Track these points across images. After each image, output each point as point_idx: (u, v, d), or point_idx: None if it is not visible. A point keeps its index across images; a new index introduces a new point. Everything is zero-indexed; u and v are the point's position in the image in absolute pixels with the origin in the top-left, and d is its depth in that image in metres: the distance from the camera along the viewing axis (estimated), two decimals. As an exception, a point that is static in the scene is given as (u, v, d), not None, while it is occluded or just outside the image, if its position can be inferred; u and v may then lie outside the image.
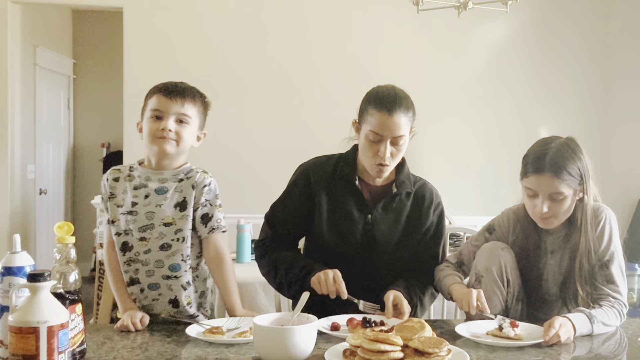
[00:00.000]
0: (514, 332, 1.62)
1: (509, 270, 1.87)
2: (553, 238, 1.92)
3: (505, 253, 1.88)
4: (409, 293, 1.87)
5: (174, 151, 1.81)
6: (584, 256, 1.85)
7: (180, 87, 1.82)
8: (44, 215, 5.57)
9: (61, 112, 6.16)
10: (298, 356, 1.41)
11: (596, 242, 1.86)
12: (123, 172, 1.86)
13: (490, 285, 1.85)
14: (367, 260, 1.95)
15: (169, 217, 1.80)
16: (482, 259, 1.89)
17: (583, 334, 1.69)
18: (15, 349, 1.22)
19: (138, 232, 1.80)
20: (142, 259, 1.82)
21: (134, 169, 1.86)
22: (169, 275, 1.82)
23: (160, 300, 1.83)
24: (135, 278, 1.83)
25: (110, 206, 1.83)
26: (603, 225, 1.86)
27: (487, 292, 1.84)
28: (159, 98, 1.80)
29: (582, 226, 1.85)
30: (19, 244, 1.39)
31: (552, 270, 1.91)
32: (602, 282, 1.84)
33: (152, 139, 1.80)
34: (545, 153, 1.81)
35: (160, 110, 1.79)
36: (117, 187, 1.84)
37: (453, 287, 1.87)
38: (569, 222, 1.89)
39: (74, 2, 5.24)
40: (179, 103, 1.79)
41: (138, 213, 1.80)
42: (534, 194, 1.83)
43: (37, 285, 1.24)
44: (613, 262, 1.85)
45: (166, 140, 1.78)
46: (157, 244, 1.80)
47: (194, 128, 1.83)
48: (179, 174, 1.84)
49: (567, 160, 1.80)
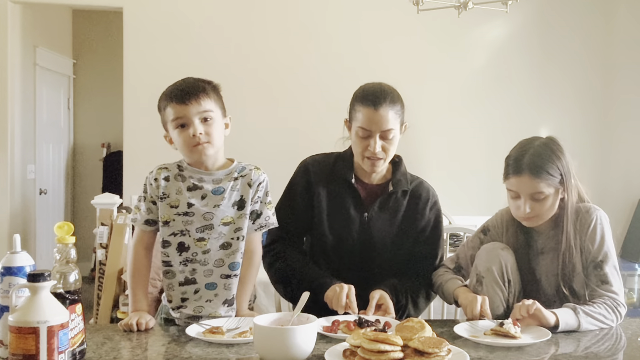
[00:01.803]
0: (514, 329, 1.62)
1: (510, 270, 1.87)
2: (543, 238, 1.93)
3: (505, 253, 1.88)
4: (396, 293, 1.88)
5: (213, 152, 1.78)
6: (567, 255, 1.86)
7: (189, 86, 1.78)
8: (44, 215, 5.57)
9: (61, 112, 6.16)
10: (298, 356, 1.41)
11: (588, 243, 1.86)
12: (172, 171, 1.81)
13: (491, 285, 1.86)
14: (365, 259, 1.96)
15: (228, 217, 1.79)
16: (482, 259, 1.89)
17: (569, 325, 1.70)
18: (15, 349, 1.22)
19: (196, 232, 1.78)
20: (200, 259, 1.79)
21: (183, 168, 1.81)
22: (228, 274, 1.81)
23: (214, 302, 1.81)
24: (191, 278, 1.80)
25: (163, 206, 1.79)
26: (594, 226, 1.87)
27: (489, 292, 1.85)
28: (174, 107, 1.75)
29: (564, 225, 1.86)
30: (19, 244, 1.39)
31: (544, 270, 1.92)
32: (596, 282, 1.84)
33: (189, 148, 1.76)
34: (524, 154, 1.83)
35: (181, 118, 1.75)
36: (169, 187, 1.79)
37: (458, 291, 1.88)
38: (556, 222, 1.90)
39: (74, 2, 5.25)
40: (196, 104, 1.74)
41: (195, 214, 1.78)
42: (516, 195, 1.85)
43: (37, 285, 1.24)
44: (607, 262, 1.85)
45: (202, 146, 1.75)
46: (216, 244, 1.79)
47: (219, 120, 1.80)
48: (233, 172, 1.81)
49: (545, 160, 1.81)
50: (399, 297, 1.89)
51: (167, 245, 1.79)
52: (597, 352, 1.61)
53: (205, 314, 1.80)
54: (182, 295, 1.81)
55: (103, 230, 4.05)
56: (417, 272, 1.99)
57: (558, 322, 1.69)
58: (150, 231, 1.83)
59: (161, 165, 1.83)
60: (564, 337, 1.68)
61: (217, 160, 1.82)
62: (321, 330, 1.62)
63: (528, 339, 1.61)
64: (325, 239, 1.97)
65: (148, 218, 1.81)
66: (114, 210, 4.17)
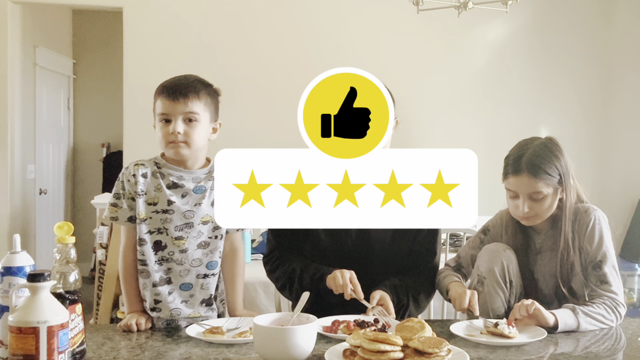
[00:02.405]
0: (508, 330, 1.62)
1: (512, 271, 1.87)
2: (541, 238, 1.93)
3: (507, 254, 1.88)
4: (397, 293, 1.88)
5: (188, 153, 1.78)
6: (565, 255, 1.86)
7: (183, 84, 1.78)
8: (44, 215, 5.56)
9: (61, 112, 6.16)
10: (298, 356, 1.41)
11: (586, 243, 1.87)
12: (150, 168, 1.80)
13: (492, 286, 1.86)
14: (364, 258, 1.96)
15: (207, 215, 1.80)
16: (484, 260, 1.90)
17: (568, 325, 1.70)
18: (15, 349, 1.22)
19: (174, 230, 1.77)
20: (176, 258, 1.79)
21: (161, 165, 1.81)
22: (205, 274, 1.81)
23: (189, 302, 1.81)
24: (166, 278, 1.79)
25: (141, 204, 1.77)
26: (593, 226, 1.87)
27: (490, 293, 1.85)
28: (163, 101, 1.76)
29: (562, 225, 1.86)
30: (19, 244, 1.39)
31: (542, 270, 1.92)
32: (595, 282, 1.84)
33: (165, 143, 1.77)
34: (523, 154, 1.84)
35: (166, 114, 1.76)
36: (147, 183, 1.79)
37: (450, 285, 1.89)
38: (555, 222, 1.90)
39: (74, 2, 5.24)
40: (183, 103, 1.75)
41: (175, 212, 1.77)
42: (515, 195, 1.85)
43: (37, 285, 1.24)
44: (606, 262, 1.85)
45: (177, 145, 1.76)
46: (195, 243, 1.79)
47: (204, 124, 1.80)
48: (212, 172, 1.82)
49: (544, 160, 1.82)
50: (401, 296, 1.89)
51: (142, 244, 1.78)
52: (597, 352, 1.61)
53: (184, 316, 1.79)
54: (155, 296, 1.79)
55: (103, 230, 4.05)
56: (417, 269, 2.00)
57: (557, 322, 1.69)
58: (133, 228, 1.80)
59: (137, 162, 1.82)
60: (564, 337, 1.68)
61: (198, 161, 1.83)
62: (321, 330, 1.63)
63: (524, 338, 1.62)
64: (322, 243, 1.97)
65: (130, 215, 1.79)
66: (114, 210, 4.16)
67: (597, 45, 5.03)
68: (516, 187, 1.83)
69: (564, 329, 1.70)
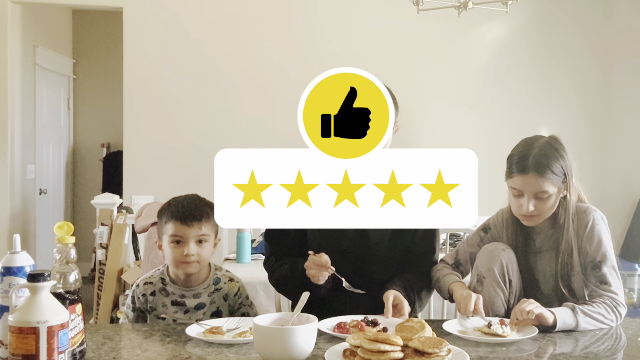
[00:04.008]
0: (502, 330, 1.62)
1: (511, 270, 1.87)
2: (541, 237, 1.93)
3: (506, 253, 1.88)
4: (407, 292, 1.88)
5: (197, 270, 1.90)
6: (567, 254, 1.86)
7: (193, 208, 1.89)
8: (44, 215, 5.56)
9: (61, 112, 6.16)
10: (298, 356, 1.41)
11: (586, 243, 1.86)
12: (157, 286, 1.93)
13: (492, 286, 1.85)
14: (363, 256, 1.96)
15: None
16: (483, 259, 1.89)
17: (567, 324, 1.70)
18: (15, 349, 1.22)
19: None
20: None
21: (166, 283, 1.93)
22: None
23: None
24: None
25: (151, 318, 1.92)
26: (592, 226, 1.87)
27: (490, 293, 1.85)
28: (176, 225, 1.87)
29: (565, 224, 1.86)
30: (19, 244, 1.39)
31: (542, 270, 1.92)
32: (595, 283, 1.84)
33: (176, 264, 1.88)
34: (529, 153, 1.83)
35: (179, 236, 1.87)
36: (155, 300, 1.92)
37: (454, 286, 1.88)
38: (555, 221, 1.89)
39: (74, 2, 5.24)
40: (197, 227, 1.87)
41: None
42: (519, 194, 1.84)
43: (37, 285, 1.24)
44: (605, 262, 1.85)
45: (190, 265, 1.87)
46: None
47: (212, 242, 1.93)
48: (209, 286, 1.93)
49: (550, 159, 1.81)
50: (410, 294, 1.89)
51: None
52: (597, 352, 1.61)
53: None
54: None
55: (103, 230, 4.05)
56: (416, 265, 1.99)
57: (556, 321, 1.69)
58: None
59: (146, 280, 1.95)
60: (563, 337, 1.68)
61: (200, 276, 1.93)
62: (332, 332, 1.63)
63: (515, 336, 1.62)
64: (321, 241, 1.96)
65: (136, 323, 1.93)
66: (114, 210, 4.17)
67: (597, 45, 5.03)
68: (522, 186, 1.82)
69: (562, 327, 1.69)
